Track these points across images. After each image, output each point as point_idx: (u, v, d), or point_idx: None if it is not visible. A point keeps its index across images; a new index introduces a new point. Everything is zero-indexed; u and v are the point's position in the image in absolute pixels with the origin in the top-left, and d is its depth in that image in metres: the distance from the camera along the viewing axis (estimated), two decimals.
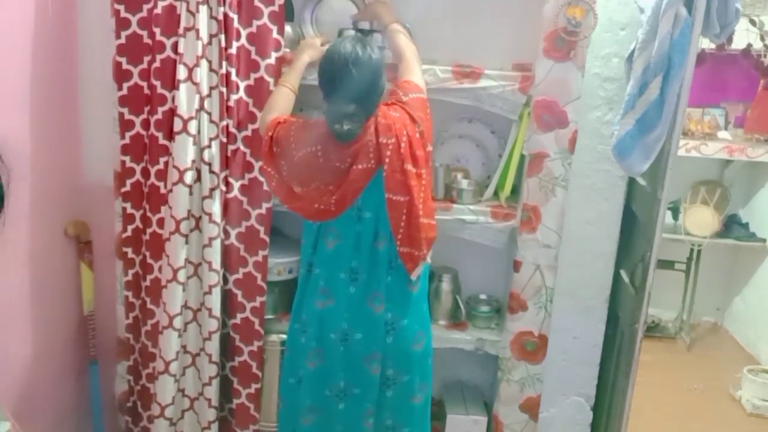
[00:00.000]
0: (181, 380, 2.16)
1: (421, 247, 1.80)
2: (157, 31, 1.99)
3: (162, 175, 2.06)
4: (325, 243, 1.85)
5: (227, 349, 2.20)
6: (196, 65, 1.97)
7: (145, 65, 2.05)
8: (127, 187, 2.13)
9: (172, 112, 2.01)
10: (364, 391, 1.88)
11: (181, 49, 1.97)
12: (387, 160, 1.74)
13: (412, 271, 1.83)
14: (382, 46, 2.04)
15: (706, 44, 2.93)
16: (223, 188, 2.08)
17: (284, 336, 2.26)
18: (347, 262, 1.84)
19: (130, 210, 2.15)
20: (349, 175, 1.77)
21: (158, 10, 1.98)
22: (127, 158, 2.11)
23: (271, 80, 2.05)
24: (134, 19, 2.02)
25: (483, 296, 2.39)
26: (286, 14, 2.11)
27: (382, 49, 1.97)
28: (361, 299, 1.84)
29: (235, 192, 2.10)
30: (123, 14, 2.02)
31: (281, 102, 1.94)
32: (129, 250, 2.18)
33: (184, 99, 1.98)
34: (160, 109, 2.03)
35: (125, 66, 2.05)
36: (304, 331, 1.91)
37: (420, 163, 1.78)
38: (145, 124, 2.08)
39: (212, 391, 2.15)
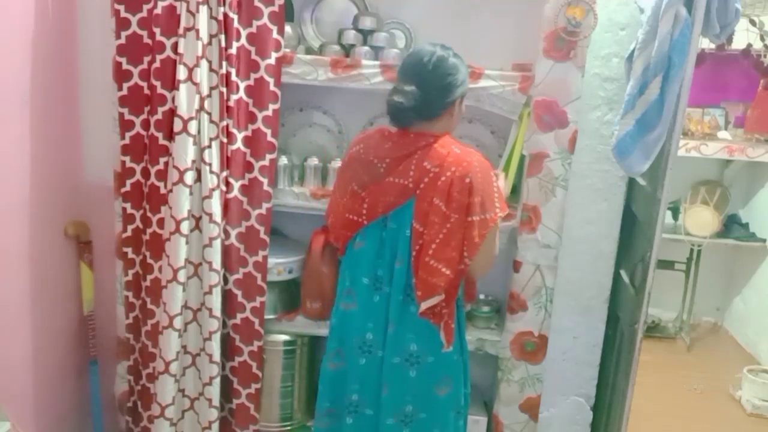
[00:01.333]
0: (182, 380, 2.16)
1: (422, 286, 1.72)
2: (157, 31, 1.99)
3: (162, 175, 2.06)
4: (354, 242, 1.84)
5: (227, 349, 2.20)
6: (196, 65, 1.97)
7: (145, 65, 2.05)
8: (127, 187, 2.13)
9: (172, 113, 2.01)
10: (377, 413, 1.84)
11: (181, 49, 1.97)
12: (422, 185, 1.71)
13: (419, 303, 1.75)
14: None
15: (706, 44, 2.93)
16: (223, 188, 2.08)
17: (284, 336, 2.27)
18: (371, 267, 1.80)
19: (130, 210, 2.14)
20: (382, 184, 1.75)
21: (158, 10, 1.98)
22: (127, 158, 2.11)
23: (271, 80, 2.06)
24: (134, 19, 2.02)
25: (483, 296, 2.39)
26: (286, 14, 2.11)
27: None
28: (386, 315, 1.80)
29: (235, 192, 2.10)
30: (123, 14, 2.02)
31: None
32: (129, 250, 2.17)
33: (184, 99, 1.98)
34: (160, 109, 2.03)
35: (125, 66, 2.05)
36: (331, 332, 1.90)
37: (453, 206, 1.68)
38: (145, 125, 2.08)
39: (213, 391, 2.15)
